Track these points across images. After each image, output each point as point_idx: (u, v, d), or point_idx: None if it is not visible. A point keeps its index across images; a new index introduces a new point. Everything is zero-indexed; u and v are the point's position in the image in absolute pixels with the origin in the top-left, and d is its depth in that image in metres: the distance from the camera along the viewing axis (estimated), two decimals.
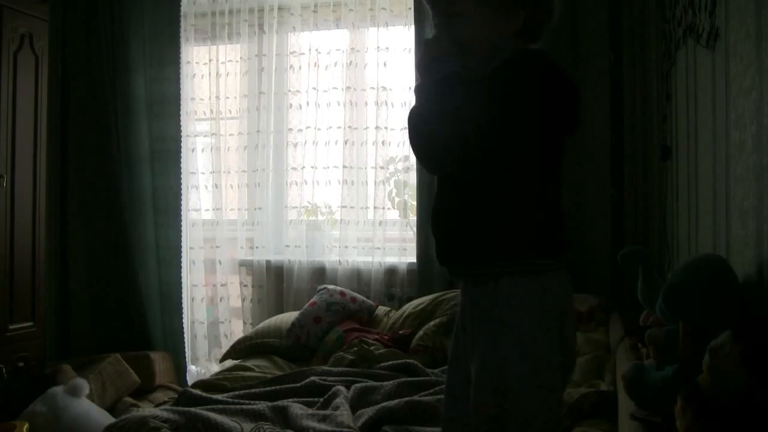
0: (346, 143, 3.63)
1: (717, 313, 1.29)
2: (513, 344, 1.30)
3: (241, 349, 3.17)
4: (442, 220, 1.42)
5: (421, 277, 3.42)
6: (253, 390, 2.48)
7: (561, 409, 1.39)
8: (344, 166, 3.64)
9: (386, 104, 3.58)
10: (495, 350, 1.31)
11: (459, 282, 1.46)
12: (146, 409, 2.57)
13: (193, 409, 2.16)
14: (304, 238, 3.72)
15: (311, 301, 3.30)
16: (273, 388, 2.48)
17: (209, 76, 3.87)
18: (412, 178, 3.57)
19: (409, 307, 3.21)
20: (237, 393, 2.45)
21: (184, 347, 3.81)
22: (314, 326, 3.13)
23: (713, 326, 1.22)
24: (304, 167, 3.73)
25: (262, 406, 2.26)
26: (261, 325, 3.35)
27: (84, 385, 3.10)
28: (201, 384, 2.66)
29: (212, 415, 2.11)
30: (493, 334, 1.32)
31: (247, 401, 2.33)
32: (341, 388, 2.39)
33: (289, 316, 3.29)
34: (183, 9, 3.80)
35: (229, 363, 3.13)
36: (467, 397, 1.35)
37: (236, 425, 2.07)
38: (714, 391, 1.06)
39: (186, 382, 3.75)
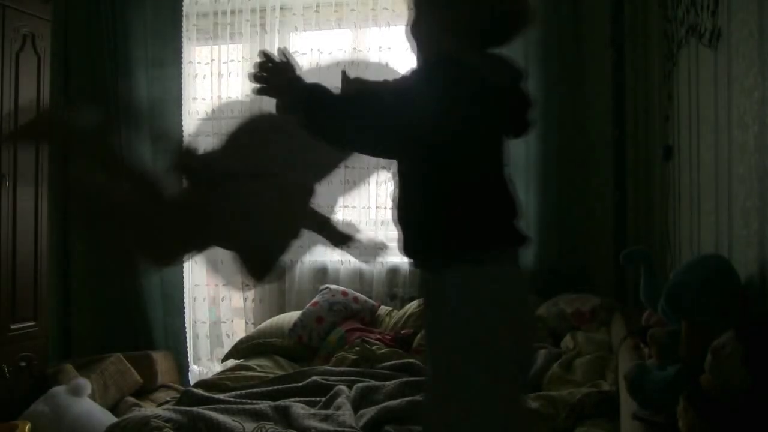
0: None
1: (719, 313, 1.29)
2: (466, 334, 1.31)
3: (243, 349, 3.17)
4: (398, 214, 1.44)
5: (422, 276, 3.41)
6: (255, 390, 2.48)
7: (519, 402, 1.38)
8: (346, 166, 3.62)
9: None
10: (448, 342, 1.32)
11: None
12: (148, 409, 2.57)
13: (195, 409, 2.16)
14: (306, 238, 3.71)
15: (313, 300, 3.30)
16: (275, 387, 2.48)
17: (211, 76, 3.87)
18: None
19: (410, 307, 3.21)
20: (239, 393, 2.45)
21: (186, 347, 3.81)
22: (316, 326, 3.13)
23: (715, 326, 1.22)
24: None
25: (264, 405, 2.26)
26: (263, 324, 3.35)
27: (86, 384, 3.10)
28: (203, 383, 2.66)
29: (214, 415, 2.11)
30: (445, 324, 1.34)
31: (249, 401, 2.34)
32: (343, 387, 2.39)
33: (291, 316, 3.29)
34: (185, 9, 3.80)
35: (231, 363, 3.13)
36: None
37: (238, 425, 2.07)
38: (716, 390, 1.06)
39: (188, 381, 3.75)
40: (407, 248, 1.43)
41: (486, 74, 1.37)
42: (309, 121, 1.36)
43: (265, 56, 1.43)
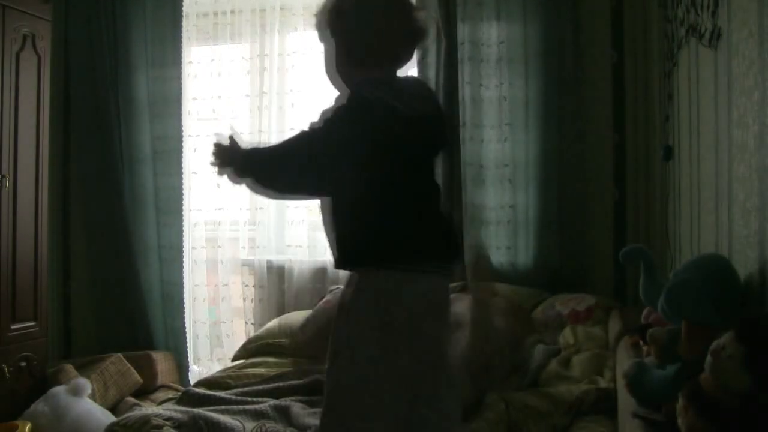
0: None
1: (718, 313, 1.29)
2: (357, 338, 1.50)
3: (251, 349, 3.15)
4: (324, 228, 1.63)
5: None
6: (255, 387, 2.48)
7: (394, 408, 1.49)
8: None
9: None
10: (346, 342, 1.51)
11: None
12: (149, 408, 2.57)
13: (195, 409, 2.16)
14: (305, 238, 3.72)
15: (325, 299, 3.20)
16: (275, 385, 2.48)
17: (211, 76, 3.87)
18: None
19: None
20: (240, 390, 2.45)
21: (186, 347, 3.81)
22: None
23: (715, 326, 1.22)
24: None
25: (263, 405, 2.26)
26: (271, 324, 3.31)
27: (86, 384, 3.10)
28: (204, 382, 2.66)
29: (214, 414, 2.11)
30: (348, 326, 1.53)
31: (249, 398, 2.34)
32: None
33: (298, 315, 3.25)
34: (185, 9, 3.80)
35: (240, 362, 3.12)
36: None
37: (238, 424, 2.07)
38: (715, 391, 1.06)
39: (188, 381, 3.75)
40: (334, 257, 1.61)
41: (394, 102, 1.49)
42: (254, 182, 1.59)
43: (215, 143, 1.67)
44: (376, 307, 1.50)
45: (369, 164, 1.48)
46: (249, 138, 3.78)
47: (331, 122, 1.51)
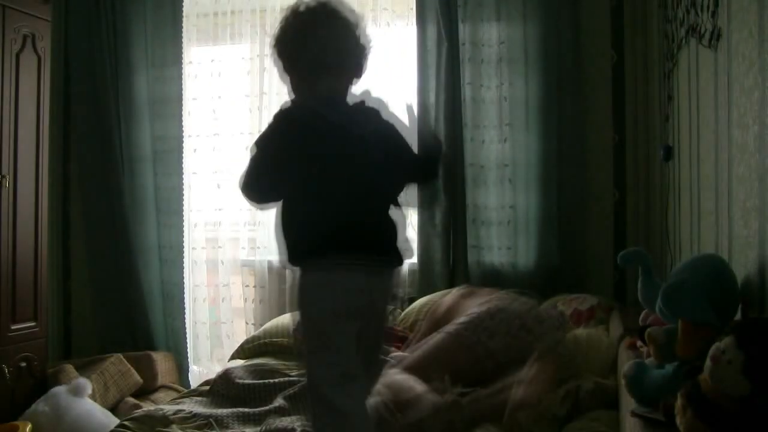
0: None
1: (715, 312, 1.29)
2: (306, 324, 1.72)
3: (249, 349, 3.15)
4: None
5: (422, 277, 3.42)
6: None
7: (350, 386, 1.66)
8: None
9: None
10: (304, 332, 1.73)
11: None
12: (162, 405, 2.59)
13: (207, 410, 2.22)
14: None
15: None
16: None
17: (211, 76, 3.87)
18: None
19: (413, 308, 3.20)
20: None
21: (186, 347, 3.81)
22: None
23: (712, 325, 1.22)
24: None
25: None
26: (269, 324, 3.31)
27: (86, 385, 3.10)
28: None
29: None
30: (301, 316, 1.75)
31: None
32: None
33: (296, 315, 3.25)
34: (185, 9, 3.81)
35: (239, 362, 3.12)
36: None
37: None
38: (714, 394, 1.06)
39: (188, 382, 3.75)
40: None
41: (309, 111, 1.76)
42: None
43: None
44: (300, 303, 1.74)
45: (281, 168, 1.71)
46: (249, 139, 3.79)
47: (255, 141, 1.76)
